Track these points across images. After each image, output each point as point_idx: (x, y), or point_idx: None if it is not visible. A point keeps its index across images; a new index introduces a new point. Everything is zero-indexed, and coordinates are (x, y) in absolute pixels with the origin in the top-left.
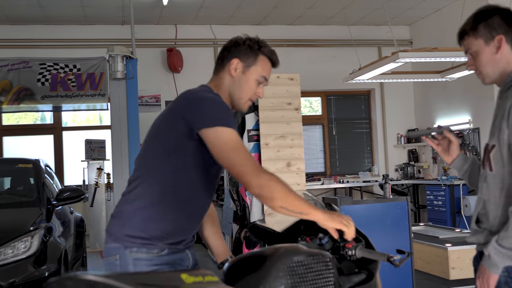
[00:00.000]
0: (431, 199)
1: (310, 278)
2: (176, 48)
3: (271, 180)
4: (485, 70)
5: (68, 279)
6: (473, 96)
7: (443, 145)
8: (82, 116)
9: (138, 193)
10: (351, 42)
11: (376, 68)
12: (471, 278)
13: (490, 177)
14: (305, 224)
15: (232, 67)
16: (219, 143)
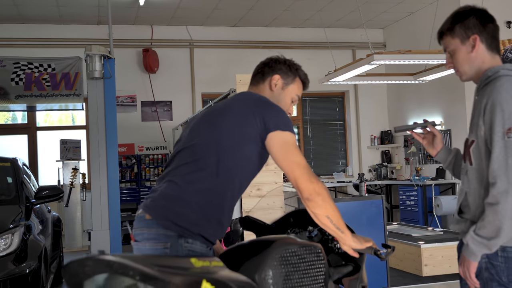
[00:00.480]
0: (404, 199)
1: (302, 268)
2: (152, 48)
3: (325, 189)
4: (462, 68)
5: (88, 259)
6: (445, 98)
7: (428, 138)
8: (55, 116)
9: (197, 185)
10: (326, 45)
11: (352, 70)
12: (443, 274)
13: (470, 171)
14: (294, 217)
15: (273, 82)
16: (286, 146)
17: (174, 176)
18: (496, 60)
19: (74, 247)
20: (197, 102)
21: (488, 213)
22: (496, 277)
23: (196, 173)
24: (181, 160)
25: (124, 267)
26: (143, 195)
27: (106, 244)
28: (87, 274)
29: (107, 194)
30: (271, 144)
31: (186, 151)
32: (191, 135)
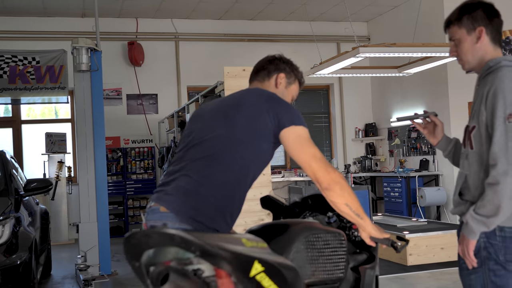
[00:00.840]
0: (388, 190)
1: (326, 253)
2: (137, 41)
3: (342, 178)
4: (465, 57)
5: (153, 232)
6: (428, 91)
7: (428, 128)
8: (37, 110)
9: (213, 180)
10: (311, 38)
11: (337, 63)
12: (428, 263)
13: (470, 155)
14: (313, 200)
15: (279, 80)
16: (301, 140)
17: (189, 170)
18: (498, 52)
19: (60, 240)
20: (182, 95)
21: (488, 192)
22: (493, 256)
23: (211, 167)
24: (196, 154)
25: (187, 242)
26: (129, 188)
27: (94, 237)
28: (150, 245)
29: (94, 186)
30: (286, 139)
31: (201, 146)
32: (204, 130)
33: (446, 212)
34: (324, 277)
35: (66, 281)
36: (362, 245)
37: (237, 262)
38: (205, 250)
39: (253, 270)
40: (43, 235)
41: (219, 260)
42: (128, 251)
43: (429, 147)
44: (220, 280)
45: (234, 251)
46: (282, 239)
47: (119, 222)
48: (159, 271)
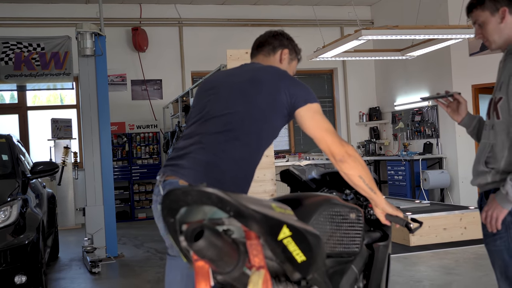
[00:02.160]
0: (392, 174)
1: (344, 227)
2: (141, 27)
3: (356, 151)
4: (491, 38)
5: (192, 189)
6: (432, 74)
7: (452, 106)
8: (43, 97)
9: (231, 154)
10: (315, 22)
11: (340, 46)
12: (430, 244)
13: (497, 124)
14: (331, 177)
15: (283, 56)
16: (316, 116)
17: (206, 144)
18: None
19: (66, 225)
20: (186, 81)
21: None
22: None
23: (230, 142)
24: (212, 128)
25: (223, 201)
26: (135, 173)
27: (100, 219)
28: (187, 202)
29: (100, 170)
30: (302, 117)
31: (218, 121)
32: (221, 105)
33: (450, 195)
34: (340, 250)
35: (73, 263)
36: (377, 224)
37: (267, 225)
38: (240, 211)
39: (281, 234)
40: (50, 218)
41: (251, 221)
42: (166, 206)
43: (432, 130)
44: (249, 241)
45: (266, 214)
46: (302, 210)
47: (125, 206)
48: (194, 227)
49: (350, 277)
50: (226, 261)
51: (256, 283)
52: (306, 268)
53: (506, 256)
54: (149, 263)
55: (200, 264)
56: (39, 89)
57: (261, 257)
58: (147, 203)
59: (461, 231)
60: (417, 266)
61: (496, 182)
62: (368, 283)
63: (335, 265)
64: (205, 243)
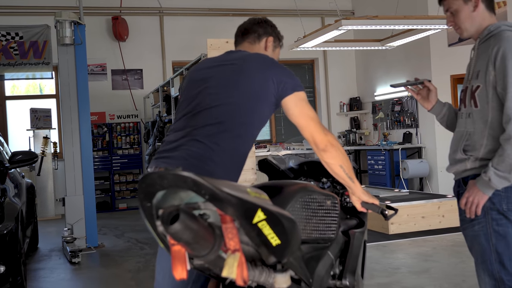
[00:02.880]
0: (372, 163)
1: (320, 214)
2: (122, 16)
3: (337, 141)
4: (463, 25)
5: (167, 173)
6: (411, 65)
7: (422, 94)
8: (22, 87)
9: (223, 145)
10: (296, 12)
11: (321, 36)
12: (409, 232)
13: (475, 113)
14: (308, 166)
15: (268, 43)
16: (301, 103)
17: (198, 135)
18: (493, 18)
19: (46, 215)
20: (167, 70)
21: (506, 147)
22: (496, 206)
23: (222, 134)
24: (204, 121)
25: (198, 185)
26: (115, 163)
27: (80, 209)
28: (163, 186)
29: (80, 160)
30: (288, 105)
31: (209, 112)
32: (211, 97)
33: (429, 184)
34: (316, 236)
35: (53, 254)
36: (353, 211)
37: (242, 209)
38: (215, 194)
39: (256, 217)
40: (29, 209)
41: (226, 205)
42: (142, 190)
43: (412, 120)
44: (225, 225)
45: (241, 197)
46: (279, 197)
47: (105, 197)
48: (170, 211)
49: (326, 263)
50: (201, 245)
51: (232, 265)
52: (281, 252)
53: (484, 241)
54: (130, 253)
55: (177, 248)
56: (17, 79)
57: (236, 240)
58: (128, 193)
59: (439, 219)
60: (396, 253)
61: (476, 168)
62: (344, 269)
63: (311, 251)
64: (180, 226)
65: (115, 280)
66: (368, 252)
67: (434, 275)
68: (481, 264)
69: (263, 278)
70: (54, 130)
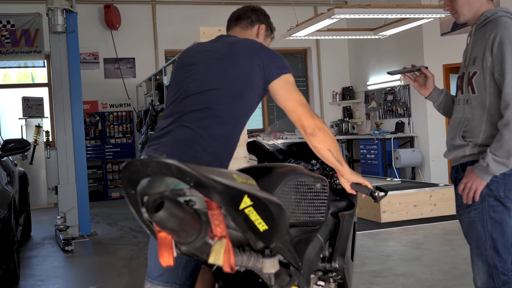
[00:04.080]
0: (364, 153)
1: (309, 197)
2: (114, 4)
3: (325, 125)
4: (461, 10)
5: (151, 160)
6: (404, 54)
7: (419, 81)
8: (13, 76)
9: (211, 131)
10: (288, 1)
11: (313, 25)
12: (401, 220)
13: (473, 99)
14: (297, 147)
15: (260, 31)
16: (288, 86)
17: (186, 121)
18: (490, 4)
19: (39, 204)
20: (160, 59)
21: (504, 133)
22: (494, 192)
23: (209, 119)
24: (191, 106)
25: (183, 172)
26: (108, 152)
27: (73, 198)
28: (147, 173)
29: (73, 148)
30: (275, 88)
31: (196, 98)
32: (198, 82)
33: (421, 173)
34: (305, 219)
35: (46, 242)
36: (343, 193)
37: (228, 195)
38: (200, 181)
39: (242, 203)
40: (22, 197)
41: (211, 192)
42: (126, 178)
43: (404, 110)
44: (211, 212)
45: (226, 184)
46: (267, 181)
47: (98, 186)
48: (154, 198)
49: (315, 246)
50: (187, 232)
51: (218, 252)
52: (268, 237)
53: (479, 227)
54: (123, 241)
55: (163, 235)
56: (9, 67)
57: (223, 226)
58: (121, 182)
59: (430, 208)
60: (387, 241)
61: (474, 154)
62: (333, 252)
63: (300, 234)
64: (165, 213)
65: (108, 268)
66: (360, 240)
67: (425, 262)
68: (475, 250)
69: (251, 263)
70: (47, 119)
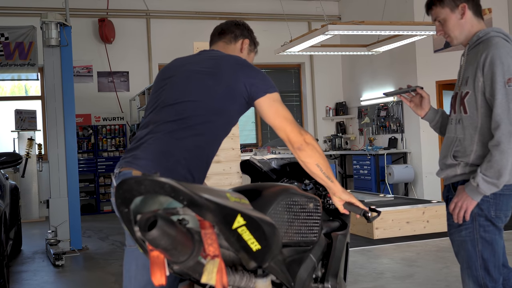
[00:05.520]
0: (358, 168)
1: (302, 217)
2: (108, 18)
3: (314, 140)
4: (453, 33)
5: (145, 179)
6: (397, 70)
7: (415, 101)
8: (7, 88)
9: (185, 142)
10: (282, 17)
11: (307, 40)
12: (393, 237)
13: (465, 119)
14: (291, 167)
15: (244, 45)
16: (275, 105)
17: (160, 132)
18: (482, 24)
19: (30, 217)
20: (154, 73)
21: (494, 153)
22: (485, 212)
23: (183, 130)
24: (167, 117)
25: (176, 191)
26: (100, 166)
27: (64, 212)
28: (141, 192)
29: (65, 161)
30: (262, 106)
31: (172, 109)
32: (177, 93)
33: (414, 189)
34: (298, 239)
35: (36, 256)
36: (335, 214)
37: (222, 214)
38: (193, 200)
39: (235, 223)
40: (13, 211)
41: (204, 211)
42: (119, 196)
43: (397, 126)
44: (204, 231)
45: (220, 203)
46: (260, 200)
47: (90, 199)
48: (147, 217)
49: (308, 266)
50: (180, 251)
51: (211, 271)
52: (261, 257)
53: (470, 246)
54: (114, 255)
55: (155, 254)
56: (3, 80)
57: (215, 246)
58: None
59: (423, 225)
60: (380, 258)
61: (465, 174)
62: (326, 272)
63: (293, 254)
64: (158, 232)
65: (99, 283)
66: (353, 256)
67: (418, 280)
68: (466, 270)
69: (244, 283)
70: (39, 132)
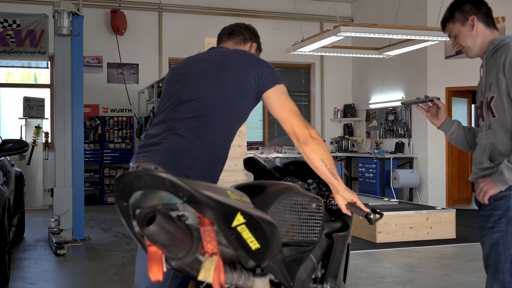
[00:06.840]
0: (363, 171)
1: (303, 217)
2: (121, 10)
3: (319, 135)
4: (466, 44)
5: (145, 173)
6: (407, 75)
7: (431, 111)
8: (16, 75)
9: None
10: (295, 16)
11: (319, 41)
12: (396, 241)
13: (494, 123)
14: (294, 166)
15: (252, 49)
16: (282, 97)
17: (180, 129)
18: (495, 33)
19: (34, 205)
20: (164, 66)
21: None
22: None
23: (202, 127)
24: (184, 114)
25: (176, 187)
26: (106, 157)
27: (68, 201)
28: (140, 186)
29: (71, 151)
30: (269, 99)
31: (189, 106)
32: (191, 90)
33: (418, 194)
34: (298, 239)
35: (38, 244)
36: (338, 214)
37: (221, 212)
38: (193, 197)
39: (235, 221)
40: (17, 198)
41: (204, 208)
42: (118, 190)
43: (405, 130)
44: (203, 228)
45: (220, 200)
46: (262, 198)
47: (94, 190)
48: (146, 212)
49: (308, 266)
50: (178, 247)
51: (208, 269)
52: (260, 256)
53: (501, 249)
54: (116, 247)
55: (153, 249)
56: (12, 66)
57: (214, 243)
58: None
59: (427, 231)
60: (382, 263)
61: None
62: (326, 273)
63: (293, 254)
64: (156, 228)
65: (99, 274)
66: (355, 259)
67: (418, 286)
68: (493, 273)
69: (242, 282)
70: (47, 120)
